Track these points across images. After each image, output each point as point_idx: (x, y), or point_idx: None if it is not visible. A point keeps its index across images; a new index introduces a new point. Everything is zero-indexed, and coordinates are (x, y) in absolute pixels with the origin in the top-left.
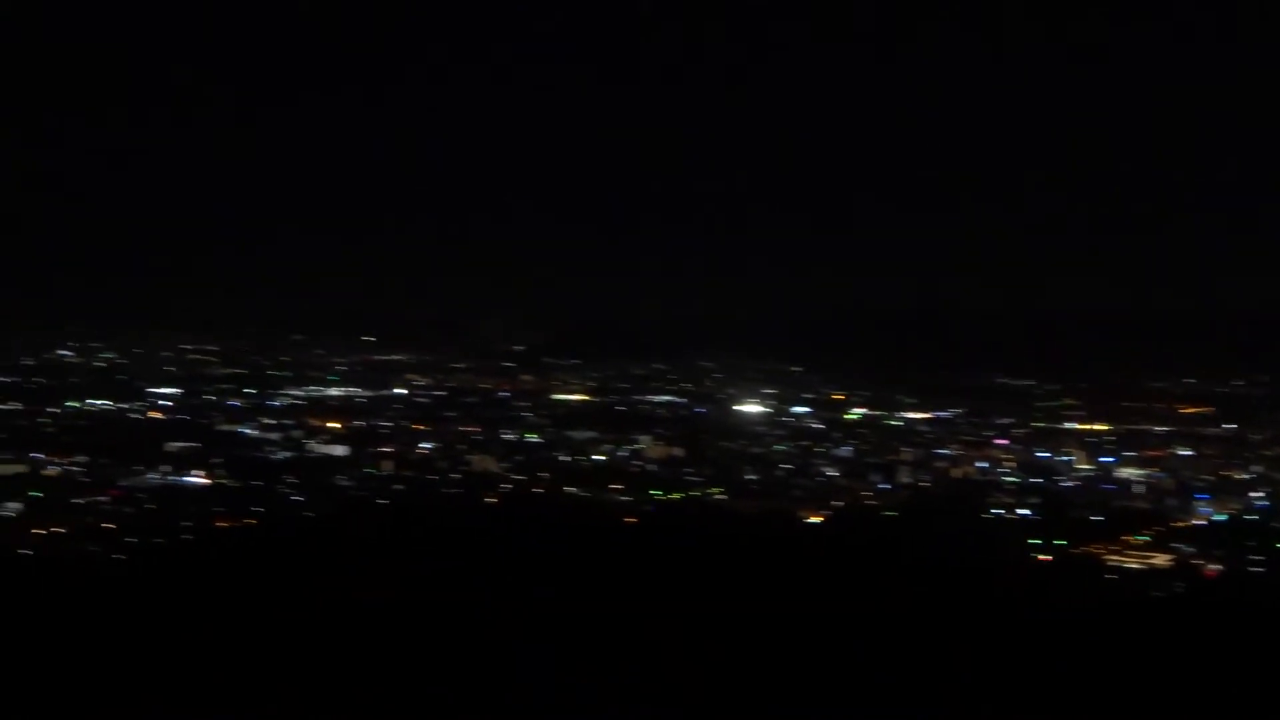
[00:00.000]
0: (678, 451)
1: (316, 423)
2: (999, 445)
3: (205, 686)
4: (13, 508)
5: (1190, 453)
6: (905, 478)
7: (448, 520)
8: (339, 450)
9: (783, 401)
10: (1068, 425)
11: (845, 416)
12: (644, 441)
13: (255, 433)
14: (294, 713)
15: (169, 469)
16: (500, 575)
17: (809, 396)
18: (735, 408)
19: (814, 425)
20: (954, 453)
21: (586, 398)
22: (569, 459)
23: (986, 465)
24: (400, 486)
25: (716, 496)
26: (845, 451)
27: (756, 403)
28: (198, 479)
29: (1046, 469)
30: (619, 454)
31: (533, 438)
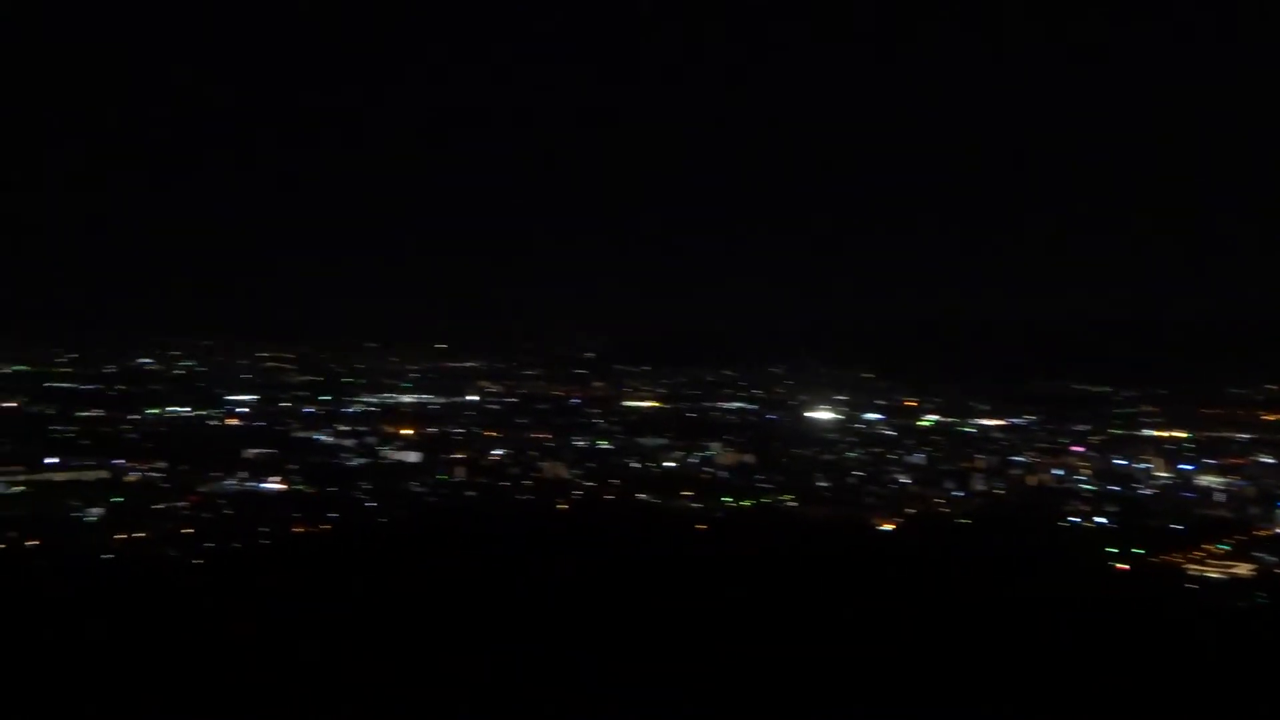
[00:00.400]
0: (749, 458)
1: (390, 429)
2: (1075, 452)
3: (281, 685)
4: (95, 513)
5: (1272, 460)
6: (979, 485)
7: (519, 526)
8: (412, 456)
9: (854, 408)
10: (1146, 432)
11: (918, 423)
12: (715, 448)
13: (330, 439)
14: (369, 711)
15: (246, 475)
16: (571, 579)
17: (881, 403)
18: (807, 414)
19: (886, 432)
20: (1029, 460)
21: (657, 404)
22: (640, 465)
23: (1063, 472)
24: (473, 493)
25: (788, 503)
26: (918, 458)
27: (828, 409)
28: (274, 485)
29: (1124, 476)
30: (690, 460)
31: (604, 444)
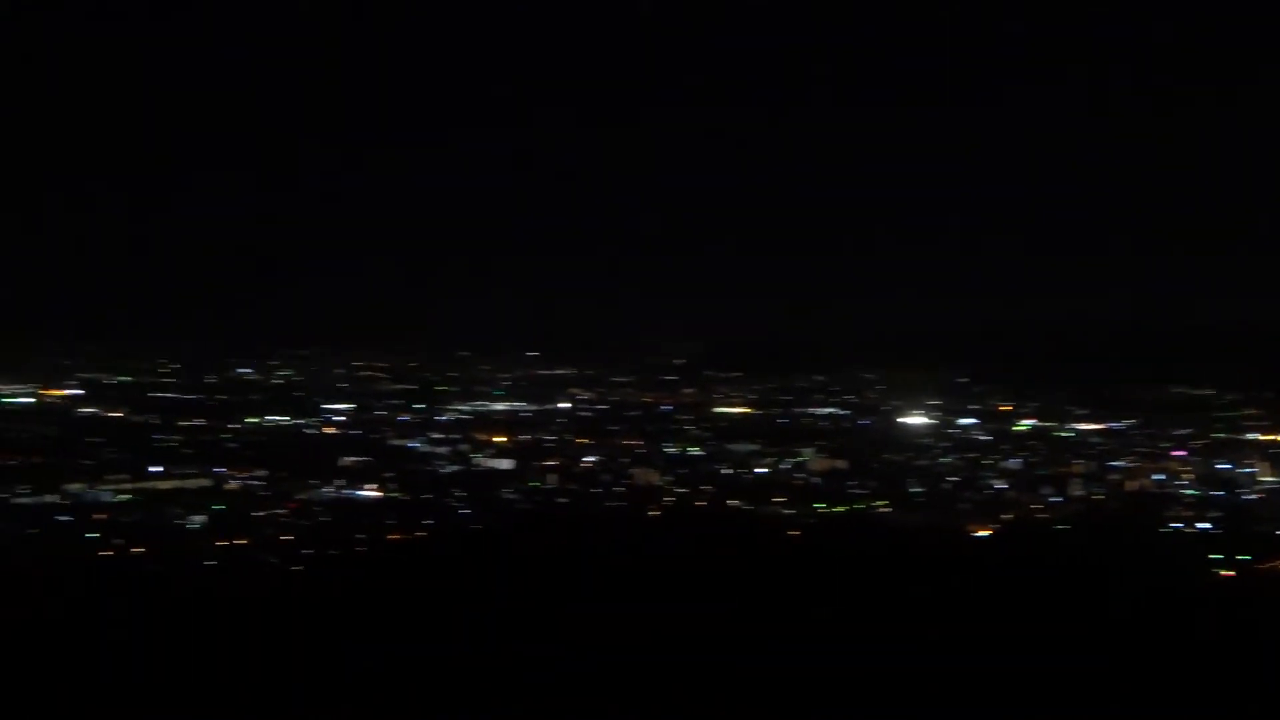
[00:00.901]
0: (841, 464)
1: (483, 437)
2: (1176, 457)
3: (379, 690)
4: (198, 520)
5: None
6: (1077, 490)
7: (611, 533)
8: (505, 464)
9: (948, 413)
10: (1250, 436)
11: (1014, 428)
12: (806, 454)
13: (424, 447)
14: (464, 714)
15: (343, 483)
16: (663, 587)
17: (975, 408)
18: (899, 419)
19: (981, 437)
20: (1129, 464)
21: (748, 410)
22: (731, 472)
23: (1164, 477)
24: (564, 499)
25: (881, 509)
26: (1014, 464)
27: (921, 414)
28: (370, 492)
29: (1228, 481)
30: (781, 467)
31: (695, 451)
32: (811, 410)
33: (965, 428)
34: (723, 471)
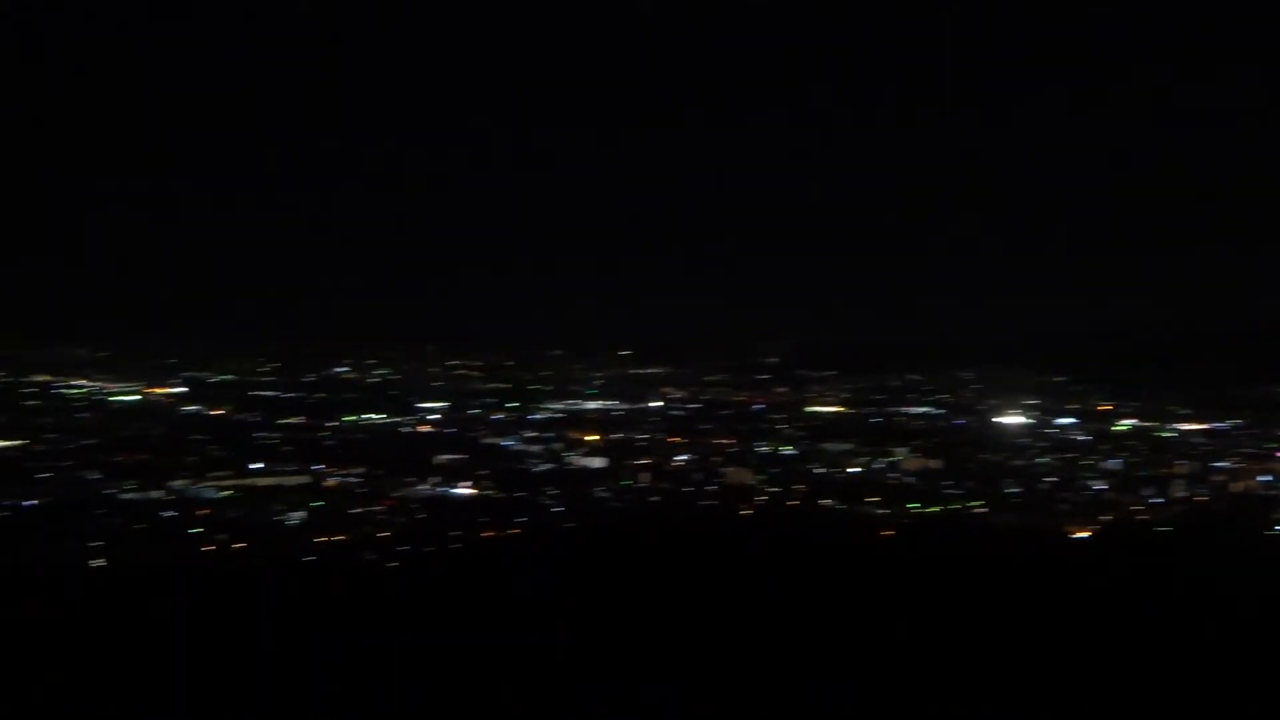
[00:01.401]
0: (936, 464)
1: (575, 436)
2: None
3: (478, 686)
4: (297, 517)
5: None
6: (1180, 492)
7: (704, 531)
8: (597, 462)
9: (1046, 413)
10: None
11: (1113, 428)
12: (901, 453)
13: (518, 445)
14: (561, 712)
15: (438, 480)
16: (756, 586)
17: (1074, 407)
18: (996, 419)
19: (1080, 437)
20: (1233, 465)
21: (841, 409)
22: (824, 471)
23: (1270, 478)
24: (657, 498)
25: (977, 510)
26: (1114, 464)
27: (1018, 414)
28: (464, 490)
29: None
30: (875, 466)
31: (787, 450)
32: (906, 409)
33: (1063, 428)
34: (815, 471)
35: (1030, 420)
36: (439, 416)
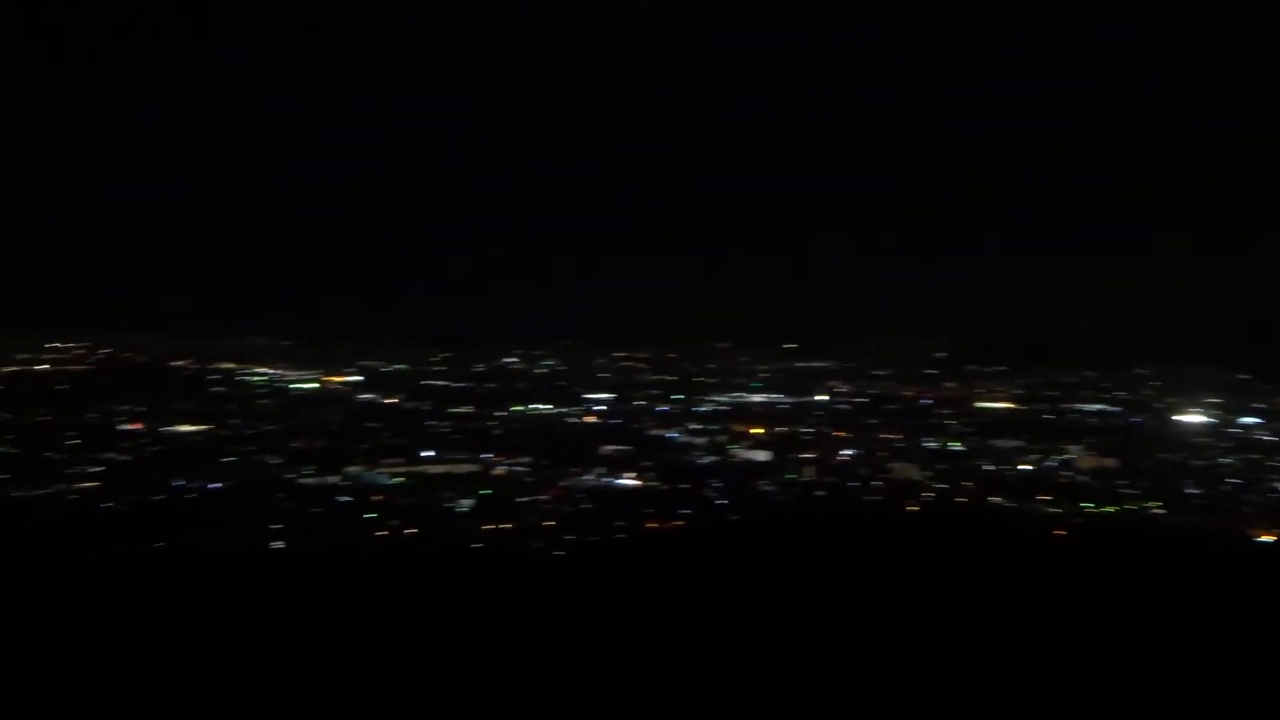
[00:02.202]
0: (1111, 462)
1: (740, 428)
2: None
3: (637, 678)
4: (466, 504)
5: None
6: None
7: (869, 528)
8: (761, 456)
9: (1229, 411)
10: None
11: None
12: (1074, 451)
13: (682, 437)
14: (719, 706)
15: (603, 471)
16: (923, 583)
17: (1259, 406)
18: (1175, 417)
19: (1266, 437)
20: None
21: (1012, 405)
22: (993, 468)
23: None
24: (821, 493)
25: (1154, 511)
26: None
27: (1199, 412)
28: (629, 481)
29: None
30: (1047, 464)
31: (956, 446)
32: (1080, 406)
33: (1247, 427)
34: (984, 468)
35: (1212, 419)
36: (605, 408)
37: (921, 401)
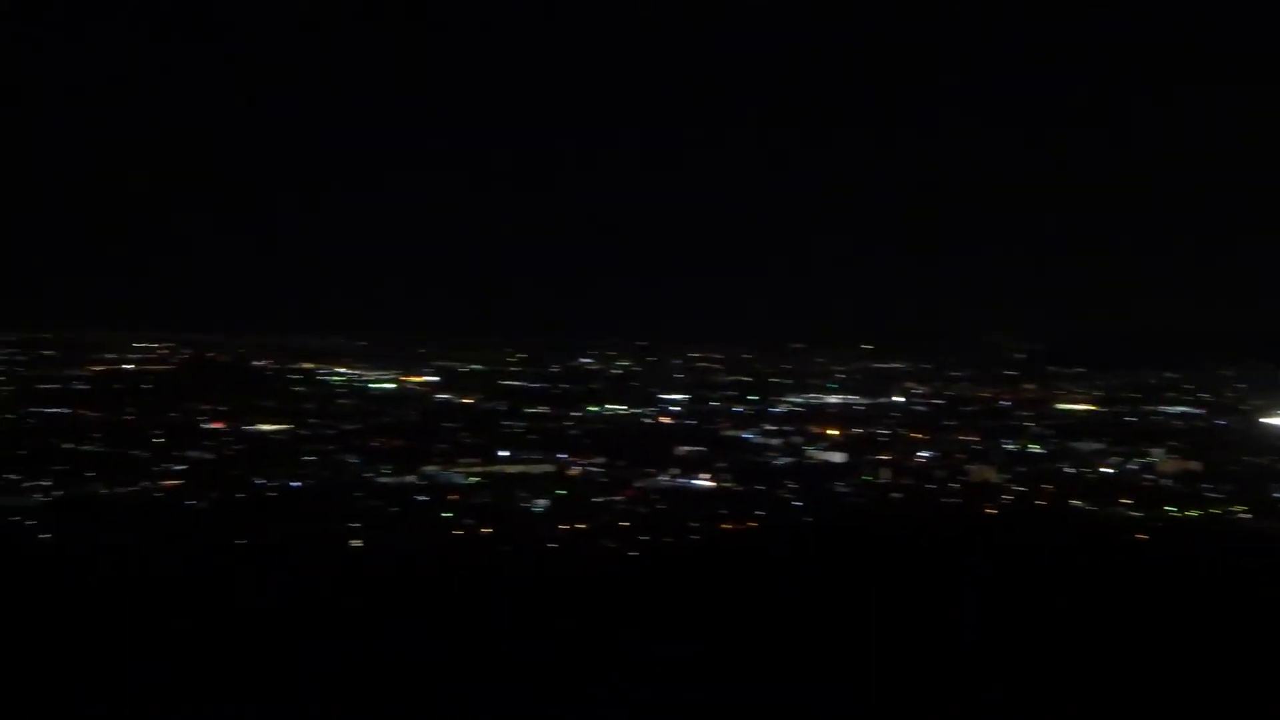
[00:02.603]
0: (1194, 466)
1: (815, 429)
2: None
3: (714, 679)
4: (541, 504)
5: None
6: None
7: (946, 530)
8: (837, 457)
9: None
10: None
11: None
12: (1156, 454)
13: (757, 438)
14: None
15: (678, 472)
16: (1002, 585)
17: None
18: (1262, 420)
19: None
20: None
21: (1092, 407)
22: (1073, 471)
23: None
24: (898, 494)
25: (1239, 515)
26: None
27: None
28: (704, 482)
29: None
30: (1128, 467)
31: (1035, 448)
32: (1162, 409)
33: None
34: (1064, 470)
35: None
36: (680, 408)
37: (1000, 403)
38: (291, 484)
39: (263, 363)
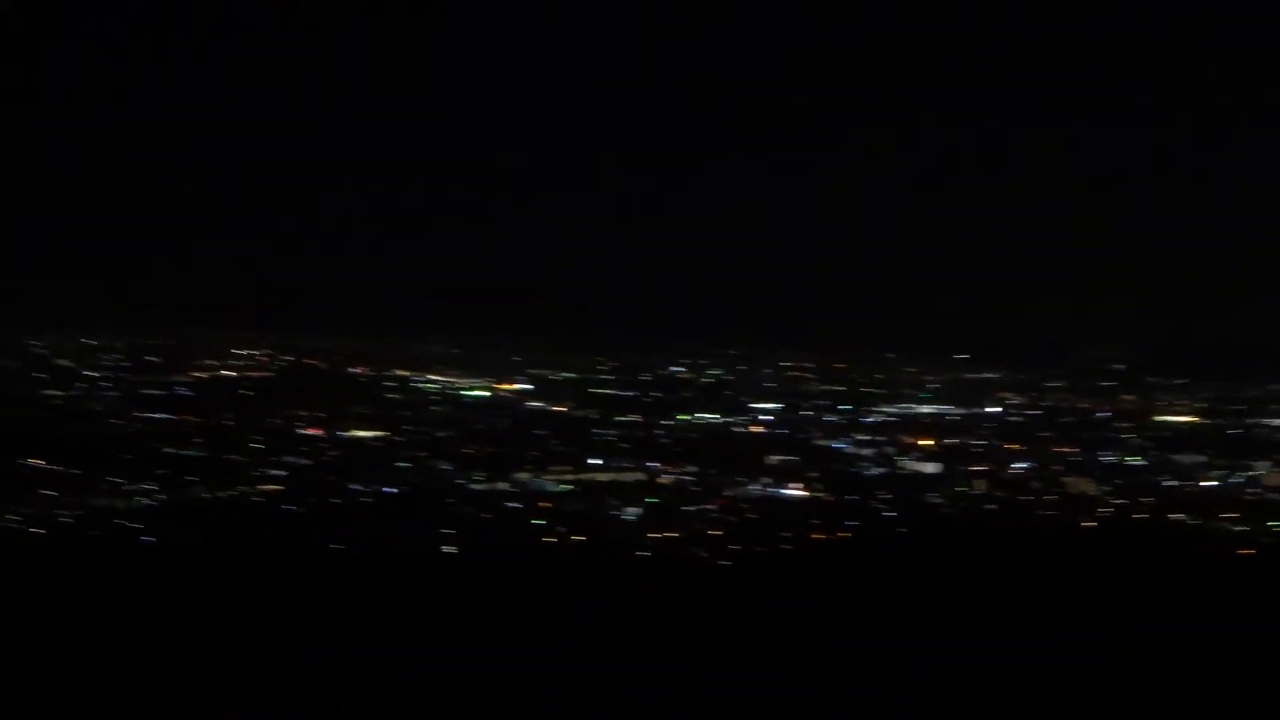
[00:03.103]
0: None
1: (909, 439)
2: None
3: (810, 690)
4: (632, 512)
5: None
6: None
7: (1043, 544)
8: (930, 468)
9: None
10: None
11: None
12: (1261, 468)
13: (850, 448)
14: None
15: (769, 481)
16: (1104, 601)
17: None
18: None
19: None
20: None
21: (1195, 419)
22: (1175, 484)
23: None
24: (993, 506)
25: None
26: None
27: None
28: (795, 491)
29: None
30: (1232, 480)
31: (1134, 460)
32: (1269, 421)
33: None
34: (1165, 483)
35: None
36: (771, 417)
37: (1098, 414)
38: (385, 490)
39: (359, 370)
